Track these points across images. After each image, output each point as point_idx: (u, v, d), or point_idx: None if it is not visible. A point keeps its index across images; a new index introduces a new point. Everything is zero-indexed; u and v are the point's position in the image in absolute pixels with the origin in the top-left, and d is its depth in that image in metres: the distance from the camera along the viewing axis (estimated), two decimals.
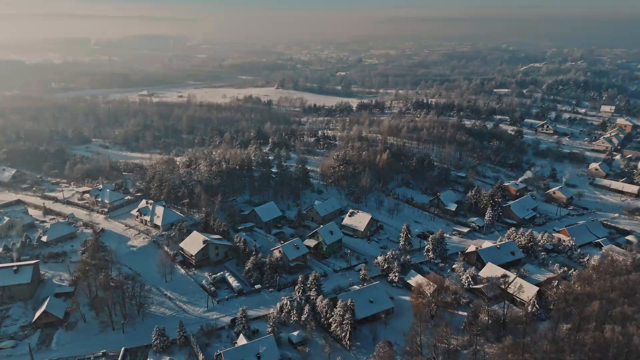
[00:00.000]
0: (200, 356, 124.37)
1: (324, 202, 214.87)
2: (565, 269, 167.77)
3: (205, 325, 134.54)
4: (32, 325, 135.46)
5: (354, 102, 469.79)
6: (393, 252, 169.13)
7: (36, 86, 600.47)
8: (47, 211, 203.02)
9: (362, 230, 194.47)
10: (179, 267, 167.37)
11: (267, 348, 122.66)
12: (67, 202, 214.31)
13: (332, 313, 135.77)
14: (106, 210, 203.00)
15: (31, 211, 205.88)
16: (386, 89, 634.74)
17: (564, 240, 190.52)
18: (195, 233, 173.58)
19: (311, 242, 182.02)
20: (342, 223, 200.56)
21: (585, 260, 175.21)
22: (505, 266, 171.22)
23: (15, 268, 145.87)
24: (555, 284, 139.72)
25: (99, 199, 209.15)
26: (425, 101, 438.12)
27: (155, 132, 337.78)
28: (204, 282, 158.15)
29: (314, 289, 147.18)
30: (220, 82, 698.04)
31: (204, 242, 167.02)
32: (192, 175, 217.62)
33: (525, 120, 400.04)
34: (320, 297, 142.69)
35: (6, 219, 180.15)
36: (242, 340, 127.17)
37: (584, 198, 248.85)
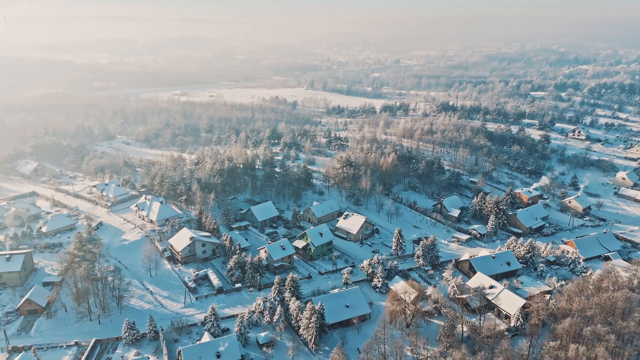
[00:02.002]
0: (164, 351, 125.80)
1: (322, 204, 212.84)
2: (563, 282, 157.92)
3: (176, 321, 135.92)
4: (16, 311, 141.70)
5: (379, 104, 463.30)
6: (379, 257, 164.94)
7: (79, 85, 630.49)
8: (55, 203, 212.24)
9: (355, 233, 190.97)
10: (165, 262, 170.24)
11: (228, 347, 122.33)
12: (76, 195, 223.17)
13: (302, 316, 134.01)
14: (109, 204, 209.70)
15: (42, 203, 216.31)
16: (418, 90, 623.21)
17: (567, 252, 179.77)
18: (184, 230, 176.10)
19: (300, 243, 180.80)
20: (337, 225, 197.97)
21: (588, 274, 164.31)
22: (500, 277, 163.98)
23: (7, 256, 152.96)
24: (539, 298, 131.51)
25: (104, 193, 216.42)
26: (451, 103, 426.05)
27: (175, 130, 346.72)
28: (186, 278, 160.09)
29: (288, 291, 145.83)
30: (253, 83, 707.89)
31: (190, 238, 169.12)
32: (194, 172, 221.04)
33: (556, 125, 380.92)
34: (293, 299, 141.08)
35: (12, 209, 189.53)
36: (206, 338, 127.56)
37: (605, 209, 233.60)
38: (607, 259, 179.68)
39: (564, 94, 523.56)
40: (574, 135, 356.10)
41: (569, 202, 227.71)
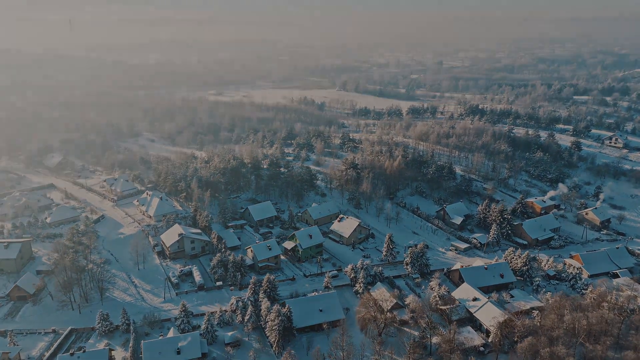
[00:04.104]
0: (131, 343, 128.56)
1: (320, 206, 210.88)
2: (558, 298, 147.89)
3: (149, 315, 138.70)
4: (6, 297, 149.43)
5: (408, 106, 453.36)
6: (363, 262, 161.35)
7: (124, 83, 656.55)
8: (67, 195, 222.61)
9: (347, 236, 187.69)
10: (155, 257, 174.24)
11: (189, 343, 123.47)
12: (88, 189, 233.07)
13: (268, 318, 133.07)
14: (115, 198, 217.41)
15: (57, 194, 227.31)
16: (453, 93, 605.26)
17: (570, 267, 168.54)
18: (176, 226, 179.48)
19: (289, 245, 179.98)
20: (331, 228, 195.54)
21: (588, 291, 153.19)
22: (491, 289, 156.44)
23: (6, 244, 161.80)
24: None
25: (113, 188, 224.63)
26: (481, 107, 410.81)
27: (198, 128, 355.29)
28: (170, 273, 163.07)
29: (263, 292, 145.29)
30: (289, 84, 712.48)
31: (179, 235, 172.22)
32: (198, 170, 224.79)
33: (593, 131, 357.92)
34: (265, 300, 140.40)
35: (23, 199, 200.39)
36: (171, 334, 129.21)
37: (627, 222, 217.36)
38: (615, 276, 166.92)
39: (610, 98, 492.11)
40: (610, 142, 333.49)
41: (586, 213, 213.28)
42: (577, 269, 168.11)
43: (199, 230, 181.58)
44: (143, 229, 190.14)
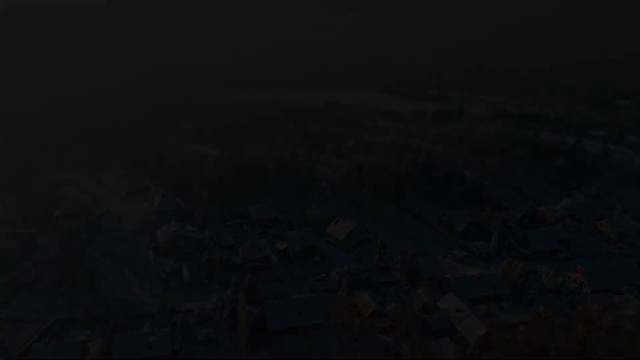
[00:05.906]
0: (108, 335, 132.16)
1: (320, 207, 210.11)
2: (550, 314, 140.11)
3: (131, 310, 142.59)
4: (5, 285, 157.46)
5: (435, 107, 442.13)
6: (349, 267, 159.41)
7: (160, 84, 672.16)
8: (81, 189, 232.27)
9: (341, 240, 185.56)
10: (151, 252, 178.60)
11: (160, 339, 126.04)
12: (102, 183, 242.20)
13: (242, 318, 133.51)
14: (123, 193, 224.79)
15: (72, 188, 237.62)
16: (487, 95, 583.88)
17: (570, 281, 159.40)
18: (172, 223, 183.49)
19: (282, 246, 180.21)
20: (327, 230, 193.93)
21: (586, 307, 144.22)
22: (482, 300, 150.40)
23: (11, 234, 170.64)
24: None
25: (125, 183, 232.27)
26: (509, 110, 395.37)
27: (220, 127, 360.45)
28: (160, 269, 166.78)
29: (242, 292, 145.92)
30: (321, 85, 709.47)
31: (173, 232, 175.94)
32: (204, 169, 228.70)
33: (629, 137, 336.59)
34: (243, 300, 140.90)
35: (36, 192, 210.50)
36: (147, 329, 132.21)
37: None
38: (620, 292, 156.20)
39: None
40: None
41: (600, 225, 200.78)
42: (579, 283, 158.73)
43: (194, 228, 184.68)
44: (143, 224, 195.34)
